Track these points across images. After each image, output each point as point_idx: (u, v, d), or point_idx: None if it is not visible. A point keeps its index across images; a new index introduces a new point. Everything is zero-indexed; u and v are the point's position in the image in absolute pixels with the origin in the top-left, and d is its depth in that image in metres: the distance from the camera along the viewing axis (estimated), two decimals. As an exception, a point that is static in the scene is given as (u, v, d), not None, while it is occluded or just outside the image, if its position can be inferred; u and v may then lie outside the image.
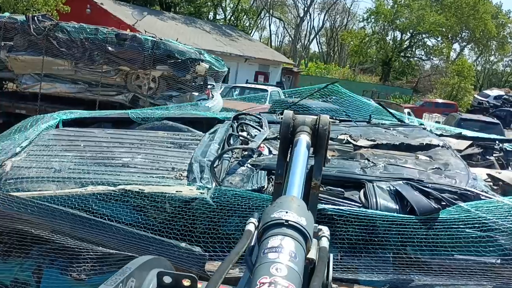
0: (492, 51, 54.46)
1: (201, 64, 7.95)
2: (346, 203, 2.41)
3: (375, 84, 42.29)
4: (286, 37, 65.49)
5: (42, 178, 2.67)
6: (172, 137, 3.33)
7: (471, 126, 15.70)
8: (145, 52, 7.81)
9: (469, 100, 36.30)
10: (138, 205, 2.46)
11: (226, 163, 2.82)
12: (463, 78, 37.00)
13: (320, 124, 1.83)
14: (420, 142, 3.21)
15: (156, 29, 21.18)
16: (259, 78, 26.69)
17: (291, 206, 1.27)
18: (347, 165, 2.76)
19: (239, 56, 25.71)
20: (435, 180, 2.55)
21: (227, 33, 29.88)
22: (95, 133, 3.43)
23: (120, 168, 2.78)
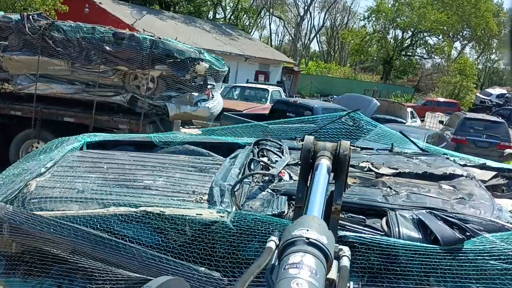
0: (493, 49, 54.24)
1: (200, 63, 7.77)
2: (368, 231, 2.39)
3: (376, 83, 42.23)
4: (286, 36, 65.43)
5: (65, 198, 2.73)
6: (193, 161, 3.38)
7: (475, 125, 15.52)
8: (144, 51, 7.66)
9: (471, 99, 36.17)
10: (158, 227, 2.48)
11: (246, 187, 2.84)
12: (465, 76, 36.80)
13: (340, 149, 1.87)
14: (443, 172, 3.17)
15: (155, 28, 21.02)
16: (259, 78, 26.50)
17: (312, 225, 1.29)
18: (368, 192, 2.75)
19: (239, 56, 25.60)
20: (459, 210, 2.52)
21: (227, 33, 29.75)
22: (118, 155, 3.49)
23: (141, 190, 2.83)
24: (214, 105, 8.49)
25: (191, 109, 8.04)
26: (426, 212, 2.45)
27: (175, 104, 7.95)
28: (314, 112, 12.51)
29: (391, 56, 46.26)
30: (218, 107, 8.78)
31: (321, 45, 65.77)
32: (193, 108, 8.05)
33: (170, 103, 7.93)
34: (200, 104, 8.11)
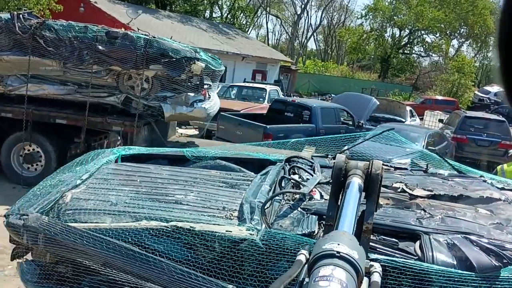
0: (490, 47, 54.16)
1: (196, 63, 7.54)
2: (400, 255, 2.35)
3: (374, 81, 42.11)
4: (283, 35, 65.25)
5: (98, 210, 2.77)
6: (225, 176, 3.42)
7: (476, 124, 15.34)
8: (138, 51, 7.43)
9: (470, 97, 36.04)
10: (188, 243, 2.50)
11: (276, 205, 2.85)
12: (463, 74, 36.64)
13: (372, 168, 1.86)
14: (480, 195, 3.10)
15: (151, 27, 20.73)
16: (256, 77, 26.26)
17: (343, 239, 1.29)
18: (402, 214, 2.71)
19: (236, 55, 25.37)
20: (496, 236, 2.47)
21: (224, 31, 29.49)
22: (151, 169, 3.55)
23: (173, 205, 2.86)
24: (210, 105, 8.25)
25: (187, 109, 7.80)
26: (462, 237, 2.40)
27: (170, 104, 7.72)
28: (312, 112, 12.29)
29: (388, 54, 46.14)
30: (215, 108, 8.55)
31: (318, 43, 65.60)
32: (189, 108, 7.82)
33: (165, 104, 7.71)
34: (196, 105, 7.87)
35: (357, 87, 35.32)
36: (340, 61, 55.86)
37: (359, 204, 1.77)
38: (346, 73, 46.32)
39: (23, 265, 2.80)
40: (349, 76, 44.27)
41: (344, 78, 42.13)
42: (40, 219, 2.67)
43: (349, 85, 35.94)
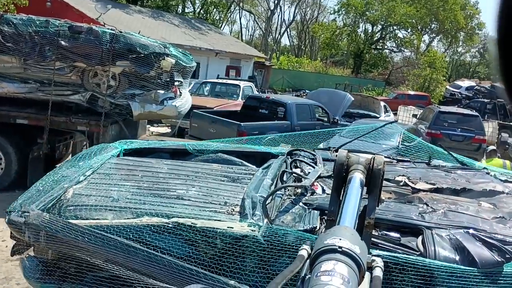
0: (460, 42, 55.14)
1: (166, 59, 7.20)
2: (402, 250, 2.35)
3: (347, 77, 42.22)
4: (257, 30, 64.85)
5: (100, 206, 2.76)
6: (226, 170, 3.40)
7: (449, 119, 15.38)
8: (103, 46, 7.05)
9: (441, 91, 36.53)
10: (189, 239, 2.49)
11: (278, 200, 2.82)
12: (435, 69, 37.05)
13: (374, 163, 1.86)
14: (483, 188, 3.07)
15: (121, 23, 20.23)
16: (230, 73, 25.87)
17: (345, 234, 1.29)
18: (404, 209, 2.69)
19: (209, 50, 24.99)
20: (499, 230, 2.46)
21: (197, 27, 29.05)
22: (153, 163, 3.54)
23: (174, 200, 2.85)
24: (182, 103, 7.90)
25: (157, 108, 7.46)
26: (464, 232, 2.39)
27: (139, 103, 7.37)
28: (287, 109, 12.08)
29: (361, 49, 46.38)
30: (186, 105, 8.20)
31: (292, 39, 65.56)
32: (159, 106, 7.48)
33: (133, 102, 7.34)
34: (166, 103, 7.53)
35: (330, 83, 35.38)
36: (313, 57, 55.89)
37: (361, 199, 1.77)
38: (320, 68, 46.35)
39: (25, 261, 2.77)
40: (323, 72, 44.31)
41: (318, 73, 42.14)
42: (41, 216, 2.65)
43: (323, 81, 35.97)
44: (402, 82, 42.36)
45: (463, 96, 33.30)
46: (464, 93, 33.93)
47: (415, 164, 3.82)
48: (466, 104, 27.84)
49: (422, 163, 3.91)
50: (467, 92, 33.82)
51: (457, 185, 3.13)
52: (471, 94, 32.78)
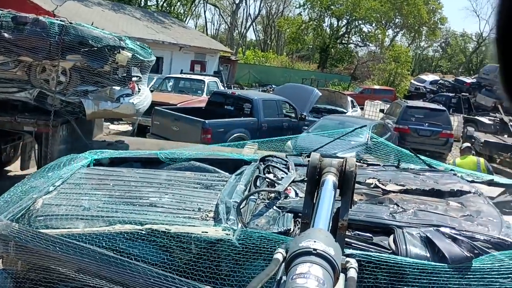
0: (423, 36, 56.06)
1: (121, 52, 6.67)
2: (375, 249, 2.39)
3: (313, 71, 42.16)
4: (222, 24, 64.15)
5: (71, 216, 2.74)
6: (199, 177, 3.41)
7: (417, 113, 15.31)
8: (51, 38, 6.44)
9: (406, 86, 36.89)
10: (164, 245, 2.48)
11: (252, 204, 2.86)
12: (400, 63, 37.38)
13: (346, 165, 1.90)
14: (451, 188, 3.16)
15: (80, 16, 19.36)
16: (195, 68, 25.22)
17: (319, 237, 1.31)
18: (375, 210, 2.76)
19: (173, 44, 24.30)
20: (467, 227, 2.53)
21: (160, 20, 28.25)
22: (124, 172, 3.51)
23: (147, 208, 2.85)
24: (140, 100, 7.36)
25: (112, 105, 6.91)
26: (434, 230, 2.47)
27: (92, 100, 6.81)
28: (253, 105, 11.68)
29: (327, 44, 46.49)
30: (145, 102, 7.66)
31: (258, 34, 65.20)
32: (115, 104, 6.92)
33: (86, 100, 6.77)
34: (123, 100, 6.99)
35: (297, 78, 35.27)
36: (280, 52, 55.77)
37: (334, 201, 1.80)
38: (286, 63, 46.25)
39: None
40: (289, 67, 44.20)
41: (284, 68, 41.97)
42: (10, 226, 2.60)
43: (289, 76, 35.84)
44: (367, 77, 42.66)
45: (427, 90, 33.71)
46: (429, 87, 34.36)
47: (385, 168, 3.89)
48: (431, 98, 28.13)
49: (392, 166, 3.99)
50: (432, 86, 34.26)
51: (425, 186, 3.21)
52: (435, 88, 33.20)
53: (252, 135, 11.34)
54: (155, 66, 23.92)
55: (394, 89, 34.64)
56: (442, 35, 62.64)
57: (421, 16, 44.81)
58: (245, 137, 11.12)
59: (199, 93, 14.90)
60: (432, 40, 60.61)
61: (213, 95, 13.04)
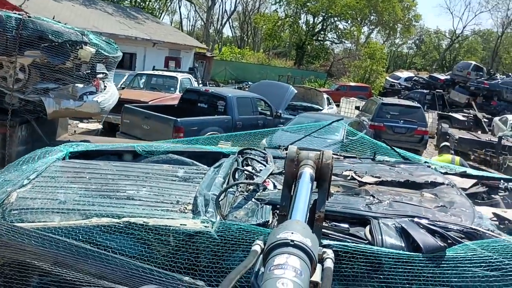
0: (397, 33, 56.55)
1: (84, 47, 6.28)
2: (352, 240, 2.42)
3: (290, 68, 42.04)
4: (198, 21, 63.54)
5: (46, 209, 2.70)
6: (177, 170, 3.40)
7: (392, 111, 15.23)
8: (8, 33, 6.04)
9: (381, 83, 37.07)
10: (142, 238, 2.48)
11: (231, 197, 2.88)
12: (375, 60, 37.53)
13: (323, 158, 1.96)
14: (425, 180, 3.19)
15: (49, 11, 18.76)
16: (170, 64, 24.72)
17: (296, 228, 1.36)
18: (352, 201, 2.79)
19: (146, 40, 23.89)
20: (441, 218, 2.57)
21: (132, 16, 27.73)
22: (101, 165, 3.47)
23: (124, 201, 2.84)
24: (105, 98, 7.01)
25: (75, 104, 6.56)
26: (409, 220, 2.51)
27: (53, 98, 6.46)
28: (227, 102, 11.39)
29: (303, 41, 46.52)
30: (111, 100, 7.29)
31: (234, 30, 64.74)
32: (78, 102, 6.58)
33: (47, 98, 6.41)
34: (86, 98, 6.64)
35: (273, 74, 35.11)
36: (256, 48, 55.54)
37: (311, 193, 1.83)
38: (263, 60, 46.04)
39: None
40: (266, 64, 44.04)
41: (260, 65, 41.79)
42: None
43: (265, 72, 35.66)
44: (343, 74, 42.82)
45: (402, 87, 33.96)
46: (403, 84, 34.65)
47: (361, 160, 3.91)
48: (406, 95, 28.26)
49: (368, 158, 4.02)
50: (406, 83, 34.56)
51: (400, 178, 3.25)
52: (410, 85, 33.44)
53: (226, 133, 11.07)
54: (128, 63, 23.46)
55: (369, 86, 34.82)
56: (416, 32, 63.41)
57: (396, 13, 45.23)
58: (219, 135, 10.85)
59: (171, 90, 14.50)
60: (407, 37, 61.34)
61: (185, 92, 12.70)
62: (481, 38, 62.76)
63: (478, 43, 63.03)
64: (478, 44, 62.99)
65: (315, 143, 10.65)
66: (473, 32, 60.77)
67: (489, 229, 2.49)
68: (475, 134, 17.02)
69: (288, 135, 11.08)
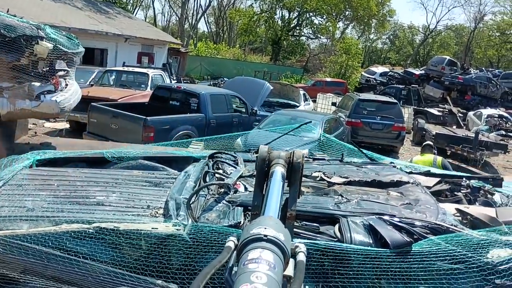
0: (372, 29, 56.76)
1: (40, 43, 5.75)
2: (322, 238, 2.48)
3: (266, 64, 41.70)
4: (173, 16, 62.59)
5: (14, 217, 2.67)
6: (148, 175, 3.38)
7: (369, 107, 15.01)
8: (-46, 28, 5.42)
9: (357, 78, 36.98)
10: (113, 243, 2.47)
11: (202, 200, 2.89)
12: (350, 56, 37.43)
13: (294, 157, 2.01)
14: (391, 179, 3.28)
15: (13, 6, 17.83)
16: (143, 60, 24.04)
17: (269, 223, 1.39)
18: (321, 201, 2.84)
19: (117, 36, 23.30)
20: (406, 215, 2.65)
21: (103, 10, 26.99)
22: (69, 172, 3.42)
23: (94, 207, 2.82)
24: (65, 97, 6.47)
25: (31, 104, 6.07)
26: (376, 218, 2.58)
27: (7, 98, 5.93)
28: (201, 100, 10.95)
29: (279, 36, 46.30)
30: (72, 100, 6.76)
31: (210, 26, 64.08)
32: (34, 103, 6.08)
33: (0, 98, 5.83)
34: (44, 98, 6.11)
35: (249, 70, 34.72)
36: (232, 44, 55.00)
37: (282, 192, 1.86)
38: (239, 55, 45.57)
39: None
40: (242, 59, 43.57)
41: (236, 61, 41.37)
42: None
43: (241, 68, 35.31)
44: (319, 69, 42.71)
45: (378, 82, 33.96)
46: (379, 79, 34.66)
47: (330, 162, 4.00)
48: (382, 90, 28.21)
49: (336, 160, 4.11)
50: (382, 78, 34.63)
51: (368, 178, 3.33)
52: (386, 80, 33.46)
53: (199, 132, 10.66)
54: (99, 59, 22.73)
55: (345, 82, 34.77)
56: (390, 28, 63.70)
57: (370, 9, 45.34)
58: (192, 134, 10.44)
59: (142, 87, 13.94)
60: (381, 32, 61.54)
61: (156, 89, 12.22)
62: (454, 33, 63.45)
63: (451, 38, 63.75)
64: (451, 39, 63.72)
65: (291, 141, 10.35)
66: (446, 27, 61.44)
67: (453, 224, 2.60)
68: (452, 129, 16.97)
69: (264, 134, 10.74)
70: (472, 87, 27.28)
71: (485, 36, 56.04)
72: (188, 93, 11.57)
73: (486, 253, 2.30)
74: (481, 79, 27.92)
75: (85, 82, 14.63)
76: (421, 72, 33.16)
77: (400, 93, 26.50)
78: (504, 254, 2.30)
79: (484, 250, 2.31)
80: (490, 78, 28.44)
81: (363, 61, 55.44)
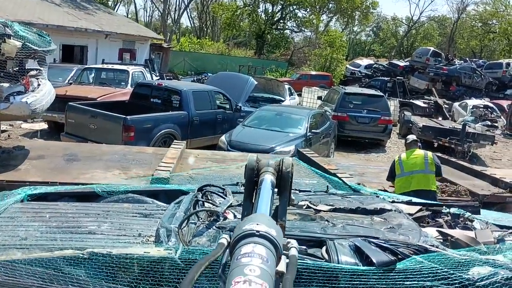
0: (356, 21, 56.73)
1: (7, 41, 5.40)
2: (310, 259, 2.54)
3: (250, 58, 41.36)
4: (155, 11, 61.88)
5: (7, 246, 2.70)
6: (138, 208, 3.45)
7: (355, 100, 14.83)
8: None
9: (342, 71, 36.86)
10: (105, 268, 2.50)
11: (192, 227, 2.94)
12: (335, 49, 37.29)
13: (283, 166, 2.04)
14: (375, 207, 3.42)
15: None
16: (124, 56, 23.55)
17: (261, 220, 1.42)
18: (308, 225, 2.95)
19: (97, 32, 22.90)
20: (390, 237, 2.75)
21: (82, 6, 26.49)
22: (60, 205, 3.50)
23: (86, 235, 2.89)
24: (37, 98, 6.13)
25: (0, 106, 5.62)
26: (361, 240, 2.68)
27: (-27, 100, 5.49)
28: (183, 97, 10.65)
29: (263, 30, 46.06)
30: (45, 100, 6.41)
31: (193, 20, 63.41)
32: (3, 104, 5.79)
33: (-34, 101, 5.46)
34: (13, 99, 5.76)
35: (234, 65, 34.42)
36: (216, 38, 54.51)
37: (272, 200, 1.85)
38: (223, 50, 45.15)
39: None
40: (226, 54, 43.14)
41: (220, 55, 40.96)
42: None
43: (226, 63, 34.98)
44: (304, 62, 42.59)
45: (363, 75, 33.88)
46: (364, 72, 34.58)
47: (315, 193, 4.13)
48: (367, 83, 28.11)
49: (321, 191, 4.26)
50: (367, 71, 34.58)
51: (352, 206, 3.46)
52: (370, 73, 33.38)
53: (182, 130, 10.38)
54: (79, 56, 22.22)
55: (330, 75, 34.70)
56: (374, 20, 63.71)
57: (354, 1, 45.27)
58: (174, 133, 10.15)
59: (122, 85, 13.56)
60: (365, 24, 61.53)
61: (137, 86, 11.91)
62: (437, 24, 63.70)
63: (434, 29, 64.00)
64: (434, 30, 63.98)
65: (277, 138, 10.11)
66: (429, 18, 61.61)
67: (434, 245, 2.71)
68: (438, 121, 16.89)
69: (248, 132, 10.48)
70: (456, 78, 27.34)
71: (468, 26, 56.40)
72: (169, 90, 11.27)
73: (467, 271, 2.41)
74: (466, 69, 27.99)
75: (63, 80, 14.21)
76: (405, 64, 33.16)
77: (386, 85, 26.40)
78: (484, 271, 2.42)
79: (465, 268, 2.42)
80: (475, 69, 28.56)
81: (348, 53, 55.44)
